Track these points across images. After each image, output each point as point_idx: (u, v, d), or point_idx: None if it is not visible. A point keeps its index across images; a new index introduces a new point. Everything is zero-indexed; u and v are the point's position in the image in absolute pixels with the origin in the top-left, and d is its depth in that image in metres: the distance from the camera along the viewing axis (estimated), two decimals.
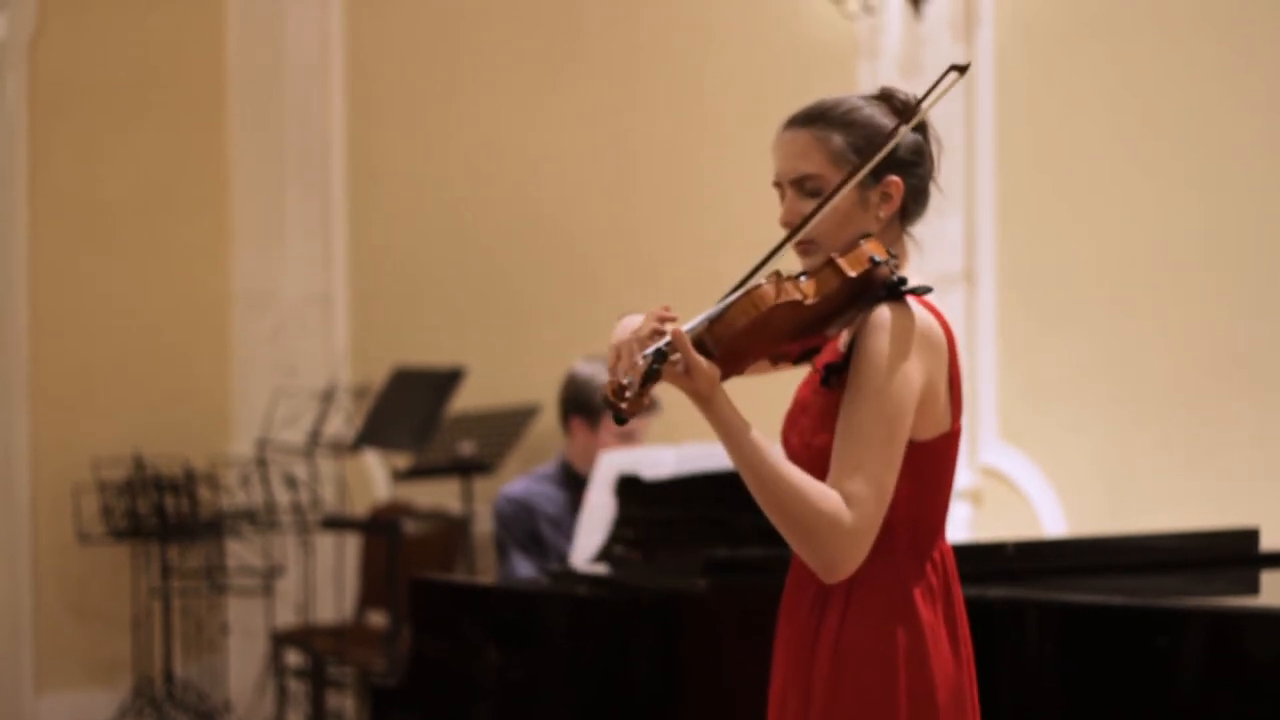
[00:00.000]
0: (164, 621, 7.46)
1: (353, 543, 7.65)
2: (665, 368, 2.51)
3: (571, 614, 4.15)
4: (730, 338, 2.54)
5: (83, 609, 7.70)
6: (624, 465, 4.69)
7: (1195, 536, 4.25)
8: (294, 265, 8.03)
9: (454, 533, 7.11)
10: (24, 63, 7.63)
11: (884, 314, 2.57)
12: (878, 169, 2.64)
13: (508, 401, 7.08)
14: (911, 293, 2.59)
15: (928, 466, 2.62)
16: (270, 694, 7.53)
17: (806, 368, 2.74)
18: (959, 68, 2.64)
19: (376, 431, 7.23)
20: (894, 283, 2.58)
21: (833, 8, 6.02)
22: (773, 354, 2.69)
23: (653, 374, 2.50)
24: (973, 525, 5.79)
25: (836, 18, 6.05)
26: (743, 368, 2.62)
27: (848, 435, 2.55)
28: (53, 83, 7.68)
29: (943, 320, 2.63)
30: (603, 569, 4.41)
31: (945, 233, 5.68)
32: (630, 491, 4.54)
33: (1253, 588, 4.01)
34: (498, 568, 5.27)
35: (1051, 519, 5.66)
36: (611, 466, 4.73)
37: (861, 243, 2.61)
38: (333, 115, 8.01)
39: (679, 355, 2.52)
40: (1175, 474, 5.43)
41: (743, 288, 2.56)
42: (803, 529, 2.53)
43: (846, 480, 2.53)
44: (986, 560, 3.90)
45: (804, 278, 2.59)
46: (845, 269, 2.57)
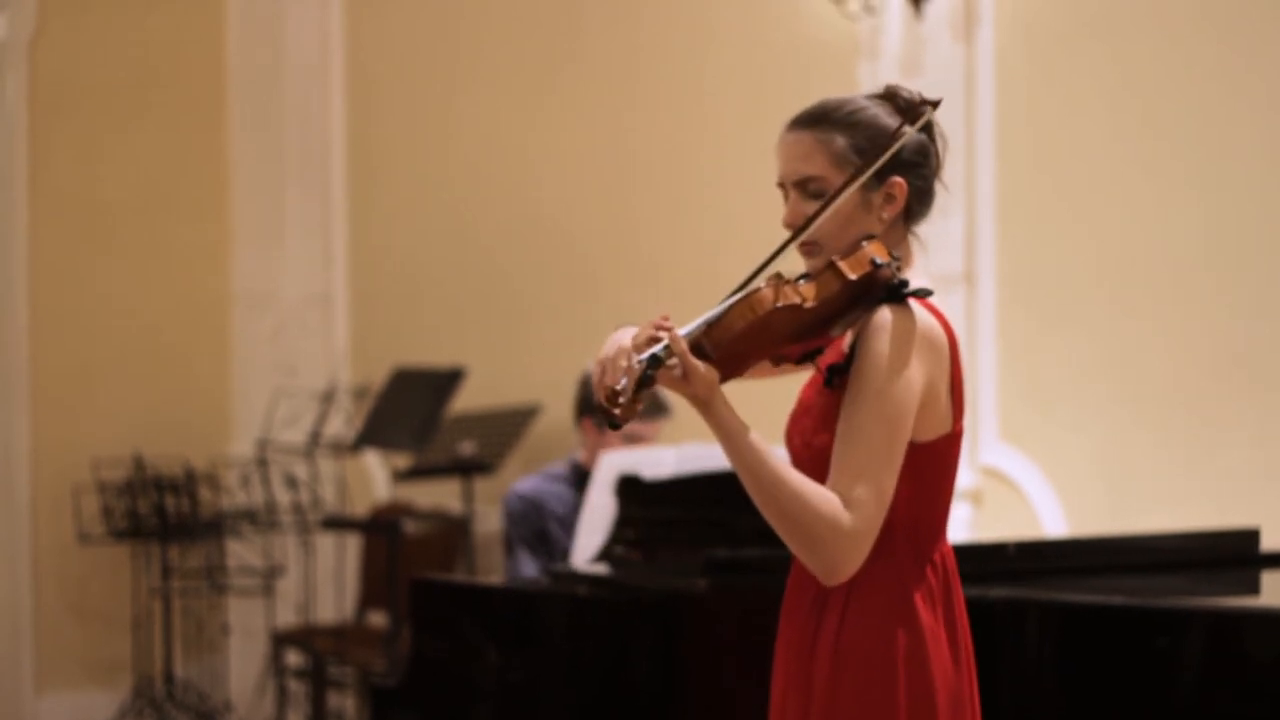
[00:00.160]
0: (164, 622, 7.45)
1: (353, 543, 7.65)
2: (661, 372, 2.50)
3: (572, 614, 4.15)
4: (728, 341, 2.53)
5: (83, 609, 7.70)
6: (624, 466, 4.70)
7: (1196, 537, 4.25)
8: (294, 265, 8.03)
9: (454, 533, 7.11)
10: (24, 63, 7.62)
11: (885, 316, 2.56)
12: (881, 170, 2.63)
13: (508, 402, 7.07)
14: (913, 295, 2.59)
15: (928, 468, 2.62)
16: (271, 694, 7.53)
17: (810, 369, 2.73)
18: (930, 103, 2.64)
19: (377, 432, 7.22)
20: (895, 285, 2.57)
21: (833, 8, 6.02)
22: (773, 356, 2.68)
23: (647, 379, 2.49)
24: (973, 525, 5.78)
25: (837, 18, 6.05)
26: (742, 370, 2.61)
27: (848, 437, 2.55)
28: (53, 83, 7.68)
29: (945, 322, 2.63)
30: (603, 569, 4.41)
31: (945, 233, 5.68)
32: (630, 492, 4.54)
33: (1253, 588, 4.00)
34: (504, 564, 5.28)
35: (1052, 519, 5.65)
36: (612, 467, 4.73)
37: (864, 245, 2.59)
38: (333, 115, 8.00)
39: (676, 360, 2.51)
40: (1175, 474, 5.43)
41: (742, 290, 2.55)
42: (801, 532, 2.53)
43: (846, 483, 2.53)
44: (987, 560, 3.89)
45: (804, 281, 2.57)
46: (846, 272, 2.56)
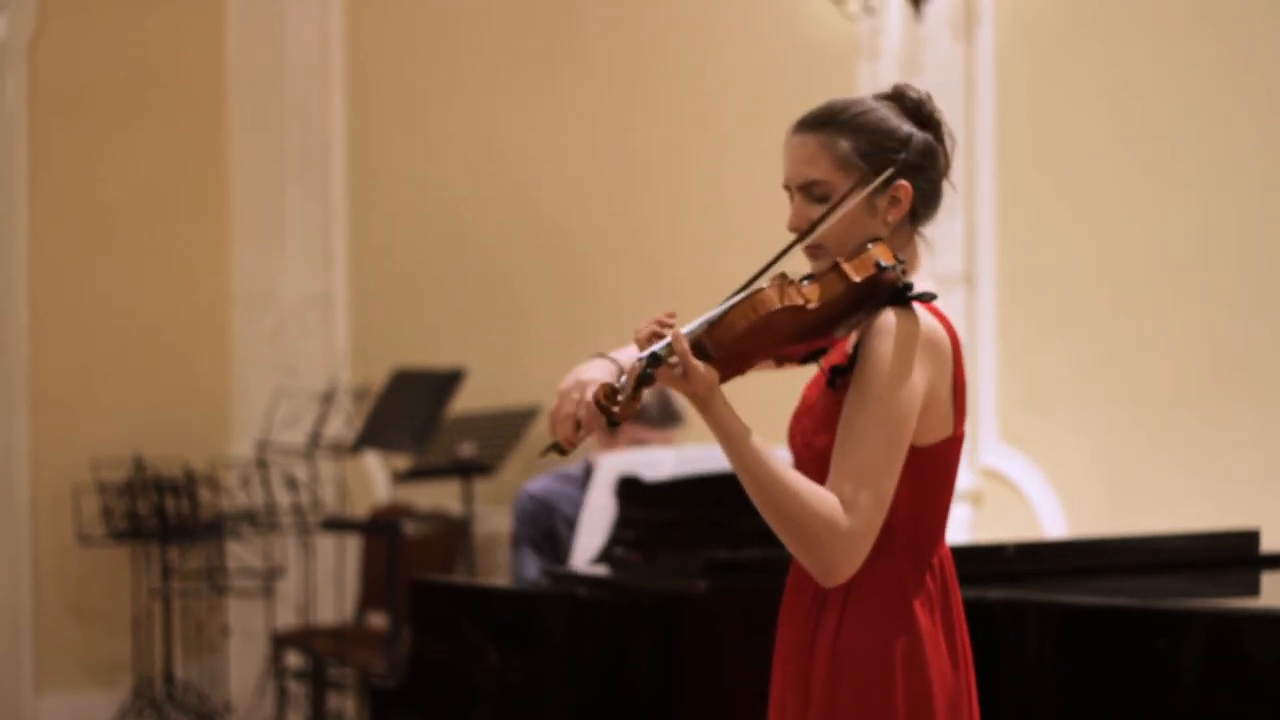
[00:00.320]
0: (164, 623, 7.45)
1: (353, 544, 7.64)
2: (661, 370, 2.50)
3: (572, 615, 4.14)
4: (730, 341, 2.53)
5: (83, 610, 7.70)
6: (624, 467, 4.70)
7: (1196, 538, 4.25)
8: (294, 265, 8.03)
9: (454, 534, 7.11)
10: (24, 63, 7.62)
11: (889, 319, 2.56)
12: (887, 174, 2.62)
13: (508, 403, 7.07)
14: (917, 299, 2.58)
15: (929, 471, 2.62)
16: (270, 695, 7.52)
17: (814, 367, 2.72)
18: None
19: (377, 433, 7.22)
20: (900, 288, 2.57)
21: (833, 8, 6.01)
22: (775, 356, 2.67)
23: (646, 377, 2.48)
24: (973, 527, 5.78)
25: (837, 18, 6.04)
26: (743, 370, 2.60)
27: (849, 439, 2.54)
28: (53, 83, 7.68)
29: (949, 326, 2.62)
30: (603, 570, 4.40)
31: (945, 234, 5.67)
32: (630, 493, 4.54)
33: (1253, 589, 4.00)
34: (510, 563, 5.27)
35: (1052, 520, 5.65)
36: (611, 468, 4.73)
37: (869, 247, 2.58)
38: (333, 115, 8.00)
39: (676, 358, 2.51)
40: (1175, 474, 5.43)
41: (745, 290, 2.54)
42: (799, 533, 2.53)
43: (845, 484, 2.52)
44: (987, 562, 3.89)
45: (808, 282, 2.56)
46: (850, 274, 2.55)
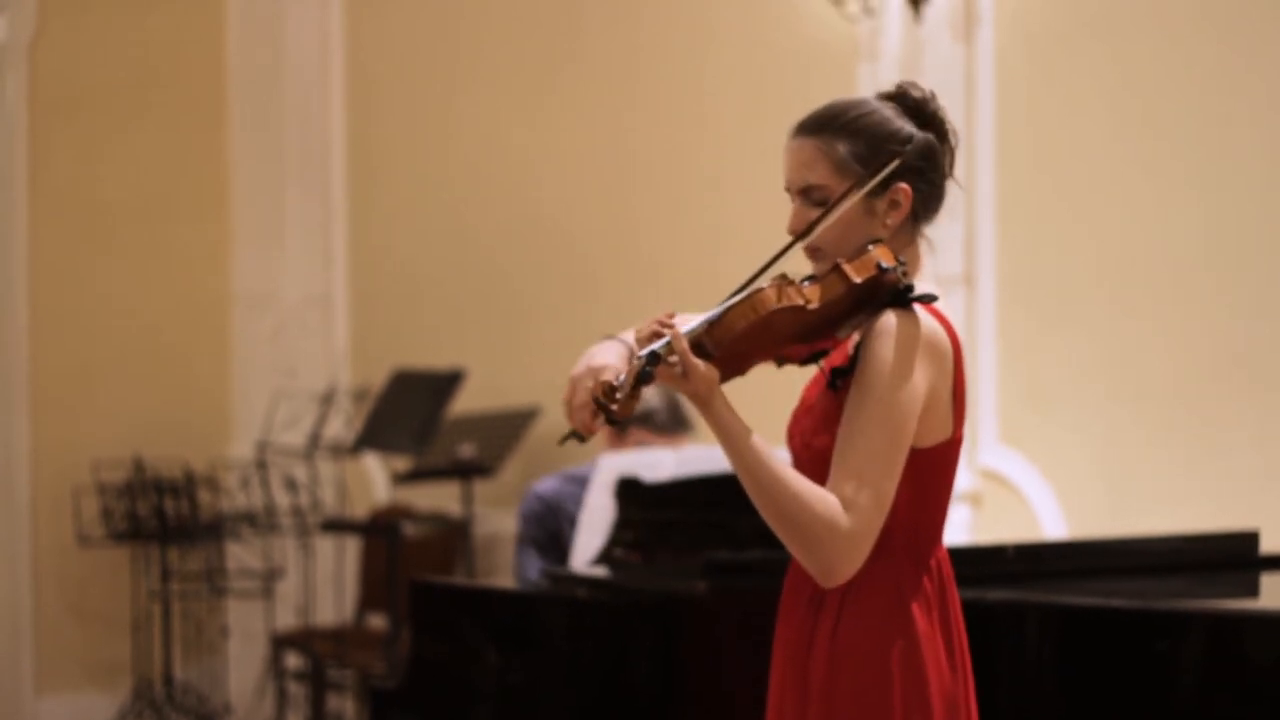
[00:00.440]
0: (164, 624, 7.45)
1: (353, 545, 7.64)
2: (661, 369, 2.50)
3: (571, 616, 4.14)
4: (730, 340, 2.53)
5: (82, 611, 7.70)
6: (623, 468, 4.69)
7: (1195, 539, 4.24)
8: (294, 266, 8.03)
9: (454, 535, 7.11)
10: (24, 63, 7.62)
11: (890, 321, 2.55)
12: (885, 177, 2.61)
13: (508, 404, 7.07)
14: (918, 300, 2.58)
15: (928, 473, 2.61)
16: (270, 697, 7.52)
17: (813, 367, 2.72)
18: (908, 140, 2.62)
19: (376, 434, 7.22)
20: (901, 290, 2.56)
21: (833, 9, 6.01)
22: (775, 357, 2.67)
23: (645, 375, 2.49)
24: (972, 527, 5.78)
25: (837, 19, 6.04)
26: (743, 370, 2.60)
27: (849, 440, 2.54)
28: (53, 83, 7.68)
29: (949, 328, 2.61)
30: (602, 571, 4.40)
31: (945, 234, 5.67)
32: (630, 494, 4.53)
33: (1253, 590, 4.00)
34: (514, 562, 5.27)
35: (1051, 521, 5.65)
36: (611, 469, 4.73)
37: (870, 248, 2.57)
38: (333, 115, 8.00)
39: (676, 357, 2.51)
40: (1175, 474, 5.43)
41: (745, 290, 2.54)
42: (799, 533, 2.52)
43: (845, 485, 2.52)
44: (986, 563, 3.89)
45: (809, 282, 2.55)
46: (851, 275, 2.55)
